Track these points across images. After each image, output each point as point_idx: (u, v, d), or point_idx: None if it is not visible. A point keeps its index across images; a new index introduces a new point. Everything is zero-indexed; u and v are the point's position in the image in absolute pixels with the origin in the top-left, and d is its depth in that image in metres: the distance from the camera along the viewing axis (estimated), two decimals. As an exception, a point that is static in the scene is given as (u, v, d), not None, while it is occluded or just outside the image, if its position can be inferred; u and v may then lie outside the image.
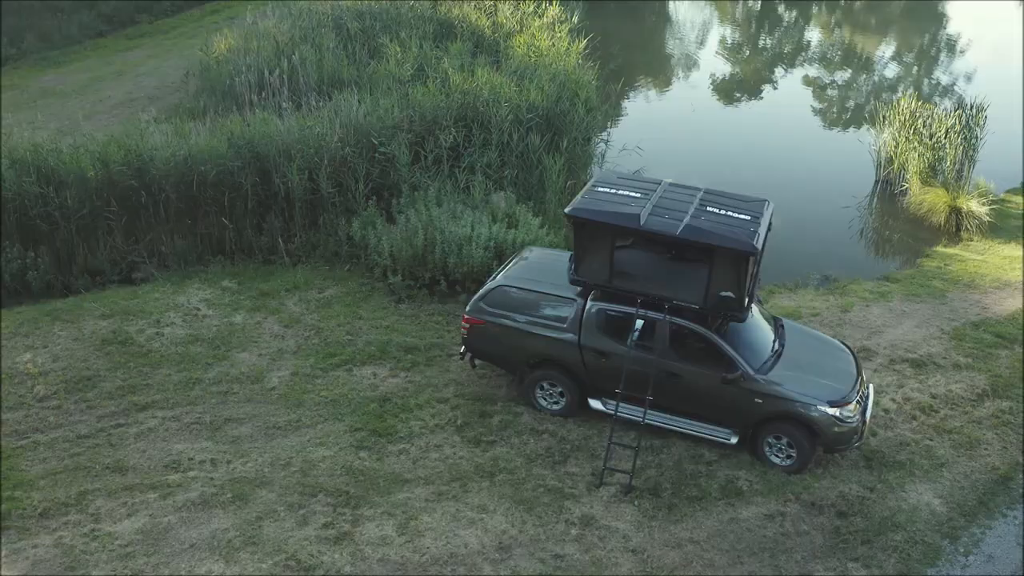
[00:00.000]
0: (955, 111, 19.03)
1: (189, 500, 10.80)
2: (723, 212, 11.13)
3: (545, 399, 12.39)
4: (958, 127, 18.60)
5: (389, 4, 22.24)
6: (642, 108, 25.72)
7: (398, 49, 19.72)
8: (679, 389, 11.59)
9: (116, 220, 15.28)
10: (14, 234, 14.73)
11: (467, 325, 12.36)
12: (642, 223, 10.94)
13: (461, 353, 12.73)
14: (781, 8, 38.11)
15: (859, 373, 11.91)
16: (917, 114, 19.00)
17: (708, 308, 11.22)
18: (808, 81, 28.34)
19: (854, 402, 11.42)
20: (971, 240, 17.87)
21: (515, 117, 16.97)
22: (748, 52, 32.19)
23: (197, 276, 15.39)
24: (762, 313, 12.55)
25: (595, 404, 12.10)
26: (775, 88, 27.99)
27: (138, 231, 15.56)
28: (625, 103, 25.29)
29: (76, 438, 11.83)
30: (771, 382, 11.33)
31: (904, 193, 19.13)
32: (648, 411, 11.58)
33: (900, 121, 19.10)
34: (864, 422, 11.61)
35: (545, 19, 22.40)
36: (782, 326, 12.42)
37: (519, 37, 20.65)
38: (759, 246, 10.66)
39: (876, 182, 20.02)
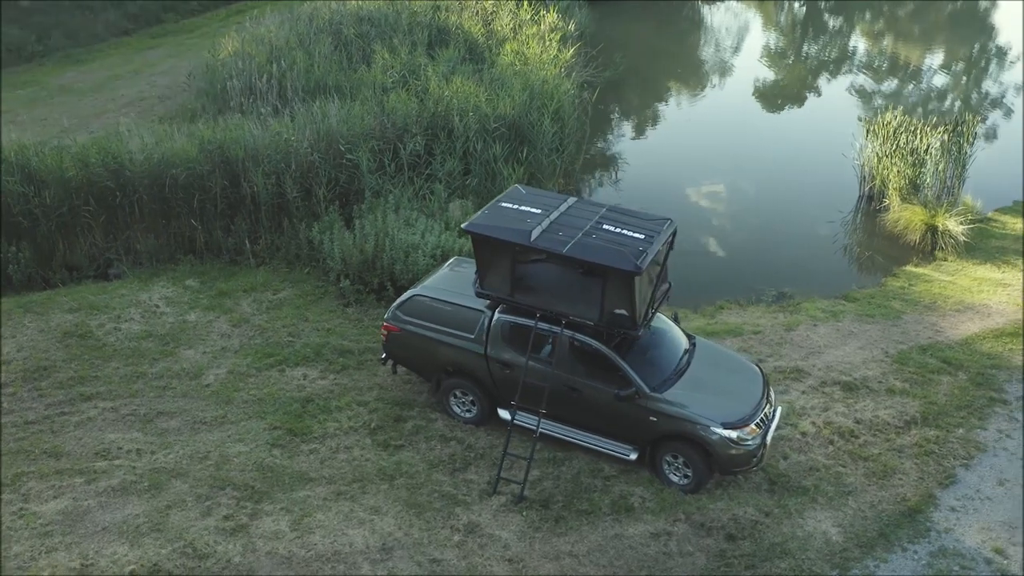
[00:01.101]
0: (941, 127, 18.63)
1: (110, 486, 11.52)
2: (617, 230, 11.30)
3: (459, 407, 12.79)
4: (941, 143, 18.23)
5: (389, 10, 22.78)
6: (649, 116, 25.77)
7: (386, 56, 20.25)
8: (579, 403, 11.85)
9: (95, 218, 16.23)
10: (-1, 229, 15.85)
11: (386, 332, 12.84)
12: (532, 240, 11.21)
13: (383, 359, 13.21)
14: (824, 15, 37.44)
15: (764, 395, 11.95)
16: (901, 129, 18.64)
17: (603, 324, 11.44)
18: (832, 90, 27.87)
19: (753, 424, 11.48)
20: (945, 260, 17.52)
21: (481, 126, 17.34)
22: (792, 58, 31.75)
23: (165, 274, 16.24)
24: (677, 330, 12.69)
25: (504, 414, 12.43)
26: (797, 96, 27.66)
27: (116, 229, 16.48)
28: (627, 112, 25.40)
29: (24, 423, 12.70)
30: (665, 401, 11.48)
31: (886, 209, 18.82)
32: (552, 424, 11.95)
33: (883, 136, 18.79)
34: (764, 445, 11.66)
35: (542, 26, 22.60)
36: (694, 344, 12.52)
37: (509, 45, 20.95)
38: (643, 266, 10.76)
39: (859, 197, 19.75)
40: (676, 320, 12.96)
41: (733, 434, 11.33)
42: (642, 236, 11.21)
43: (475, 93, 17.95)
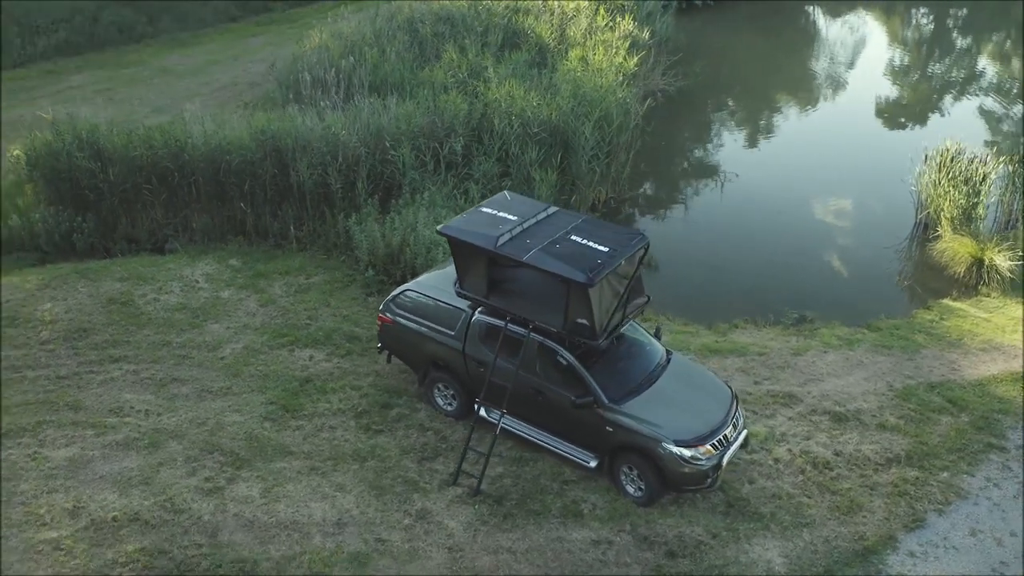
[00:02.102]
0: (1004, 157, 17.81)
1: (115, 440, 12.82)
2: (583, 242, 11.55)
3: (442, 399, 13.40)
4: (1008, 174, 17.46)
5: (468, 10, 23.43)
6: (722, 128, 25.53)
7: (454, 56, 20.94)
8: (543, 406, 12.24)
9: (155, 196, 17.70)
10: (67, 200, 17.49)
11: (380, 323, 13.57)
12: (497, 246, 11.62)
13: (379, 348, 13.95)
14: (952, 33, 35.69)
15: (730, 416, 11.97)
16: (960, 156, 17.92)
17: (565, 332, 11.76)
18: (957, 112, 26.69)
19: (708, 444, 11.56)
20: (987, 296, 16.74)
21: (524, 130, 17.79)
22: (916, 76, 30.55)
23: (213, 252, 17.53)
24: (655, 344, 12.83)
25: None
26: (906, 116, 26.67)
27: (175, 207, 17.91)
28: (702, 124, 25.18)
29: (56, 378, 14.14)
30: (621, 412, 11.70)
31: (938, 239, 18.12)
32: (520, 424, 12.47)
33: (940, 162, 18.10)
34: (720, 466, 11.70)
35: (617, 33, 22.74)
36: (669, 359, 12.64)
37: (575, 51, 21.25)
38: (595, 278, 10.97)
39: (915, 225, 19.06)
40: (658, 334, 13.10)
41: (686, 452, 11.45)
42: (606, 249, 11.43)
43: (523, 97, 18.40)
